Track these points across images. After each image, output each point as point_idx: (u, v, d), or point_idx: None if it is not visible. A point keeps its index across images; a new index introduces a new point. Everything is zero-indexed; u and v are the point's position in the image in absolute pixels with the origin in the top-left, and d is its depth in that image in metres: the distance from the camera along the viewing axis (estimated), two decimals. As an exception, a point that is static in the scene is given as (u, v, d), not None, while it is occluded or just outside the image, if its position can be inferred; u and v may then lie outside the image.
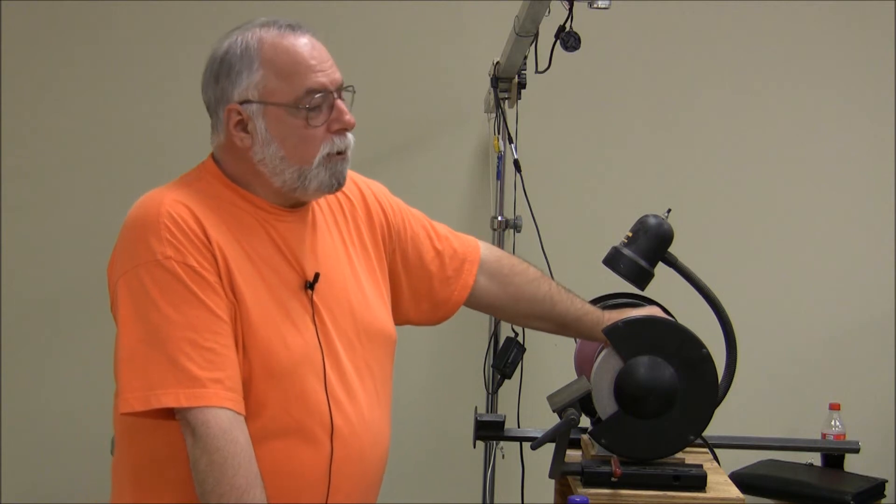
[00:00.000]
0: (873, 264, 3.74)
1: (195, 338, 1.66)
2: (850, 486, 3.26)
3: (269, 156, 1.78)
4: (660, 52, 3.75)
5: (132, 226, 1.74)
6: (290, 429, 1.74)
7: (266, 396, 1.73)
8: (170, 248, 1.68)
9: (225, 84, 1.79)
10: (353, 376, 1.84)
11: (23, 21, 3.69)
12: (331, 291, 1.85)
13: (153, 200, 1.75)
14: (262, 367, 1.72)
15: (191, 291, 1.67)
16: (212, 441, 1.63)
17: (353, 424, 1.81)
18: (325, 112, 1.79)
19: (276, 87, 1.76)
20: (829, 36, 3.75)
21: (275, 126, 1.77)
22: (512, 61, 3.14)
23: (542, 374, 3.16)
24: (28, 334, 3.73)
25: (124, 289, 1.71)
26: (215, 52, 1.83)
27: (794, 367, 3.76)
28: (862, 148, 3.76)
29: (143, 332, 1.67)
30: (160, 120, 3.73)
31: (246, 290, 1.73)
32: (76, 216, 3.73)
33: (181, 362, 1.64)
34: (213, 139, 1.85)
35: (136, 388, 1.67)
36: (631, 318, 2.08)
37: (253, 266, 1.76)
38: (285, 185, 1.80)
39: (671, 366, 2.03)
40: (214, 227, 1.73)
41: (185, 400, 1.64)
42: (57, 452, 3.73)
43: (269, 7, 3.70)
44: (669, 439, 2.04)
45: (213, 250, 1.71)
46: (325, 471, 1.77)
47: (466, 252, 2.14)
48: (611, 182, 3.74)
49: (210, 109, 1.84)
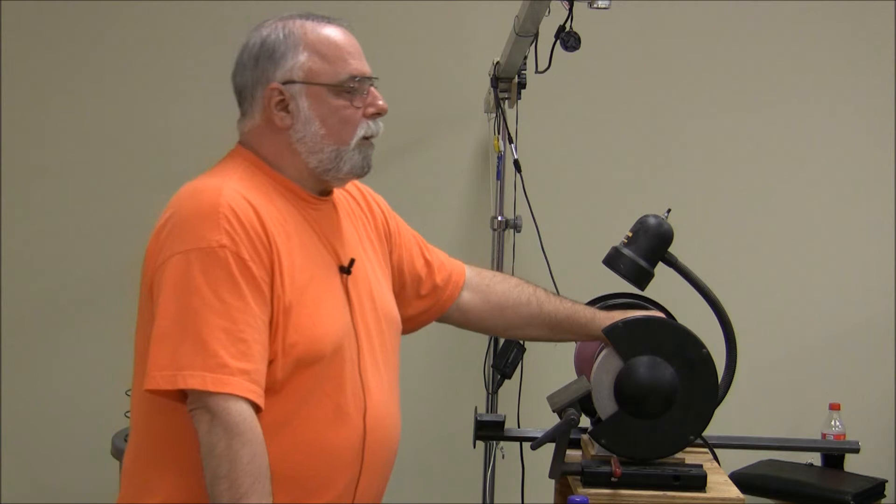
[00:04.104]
0: (873, 264, 3.74)
1: (231, 327, 1.68)
2: (850, 486, 3.26)
3: (310, 134, 1.85)
4: (660, 52, 3.75)
5: (188, 212, 1.75)
6: (329, 408, 1.79)
7: (309, 377, 1.77)
8: (225, 238, 1.71)
9: (266, 65, 1.86)
10: (378, 360, 1.90)
11: (23, 21, 3.69)
12: (358, 277, 1.91)
13: (211, 189, 1.77)
14: (306, 348, 1.76)
15: (235, 282, 1.70)
16: (233, 427, 1.66)
17: (381, 407, 1.88)
18: (363, 97, 1.86)
19: (320, 69, 1.84)
20: (830, 36, 3.75)
21: (317, 105, 1.84)
22: (512, 61, 3.14)
23: (542, 374, 3.16)
24: (28, 334, 3.74)
25: (171, 270, 1.71)
26: (252, 38, 1.89)
27: (794, 367, 3.76)
28: (862, 148, 3.76)
29: (181, 314, 1.69)
30: (160, 120, 3.74)
31: (295, 274, 1.78)
32: (76, 216, 3.73)
33: (213, 347, 1.67)
34: (244, 123, 1.91)
35: (163, 366, 1.68)
36: (631, 318, 2.08)
37: (299, 251, 1.81)
38: (321, 164, 1.86)
39: (671, 366, 2.03)
40: (269, 216, 1.77)
41: (210, 384, 1.66)
42: (57, 452, 3.73)
43: (270, 7, 3.71)
44: (669, 439, 2.04)
45: (270, 243, 1.75)
46: (359, 450, 1.83)
47: (454, 266, 2.19)
48: (611, 182, 3.74)
49: (244, 93, 1.90)
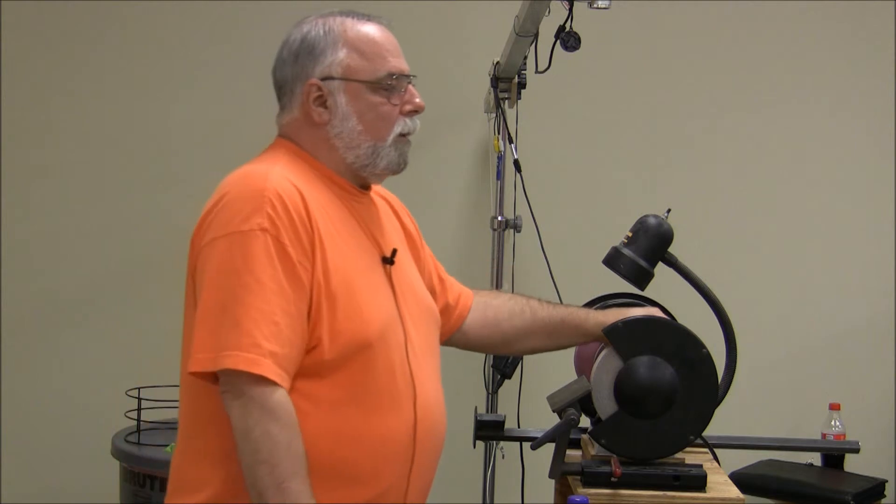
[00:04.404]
0: (873, 264, 3.74)
1: (266, 310, 1.69)
2: (850, 486, 3.26)
3: (348, 130, 1.87)
4: (660, 52, 3.75)
5: (233, 197, 1.76)
6: (379, 396, 1.80)
7: (358, 364, 1.78)
8: (266, 221, 1.72)
9: (306, 61, 1.87)
10: (423, 351, 1.91)
11: (23, 21, 3.69)
12: (400, 268, 1.92)
13: (258, 174, 1.79)
14: (353, 334, 1.77)
15: (274, 267, 1.71)
16: (269, 411, 1.66)
17: (429, 396, 1.89)
18: (400, 94, 1.89)
19: (359, 66, 1.86)
20: (830, 36, 3.75)
21: (355, 102, 1.86)
22: (512, 61, 3.14)
23: (542, 374, 3.16)
24: (28, 334, 3.73)
25: (214, 253, 1.73)
26: (293, 35, 1.91)
27: (794, 367, 3.76)
28: (862, 148, 3.77)
29: (222, 297, 1.70)
30: (160, 120, 3.74)
31: (340, 262, 1.79)
32: (76, 216, 3.73)
33: (247, 327, 1.68)
34: (283, 117, 1.92)
35: (206, 348, 1.69)
36: (631, 318, 2.08)
37: (344, 242, 1.82)
38: (358, 160, 1.88)
39: (671, 366, 2.03)
40: (315, 202, 1.79)
41: (243, 364, 1.66)
42: (57, 452, 3.73)
43: (271, 7, 3.71)
44: (669, 439, 2.04)
45: (313, 229, 1.76)
46: (410, 438, 1.84)
47: (462, 288, 2.22)
48: (611, 182, 3.74)
49: (284, 87, 1.91)
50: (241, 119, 3.74)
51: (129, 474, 2.99)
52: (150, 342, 3.72)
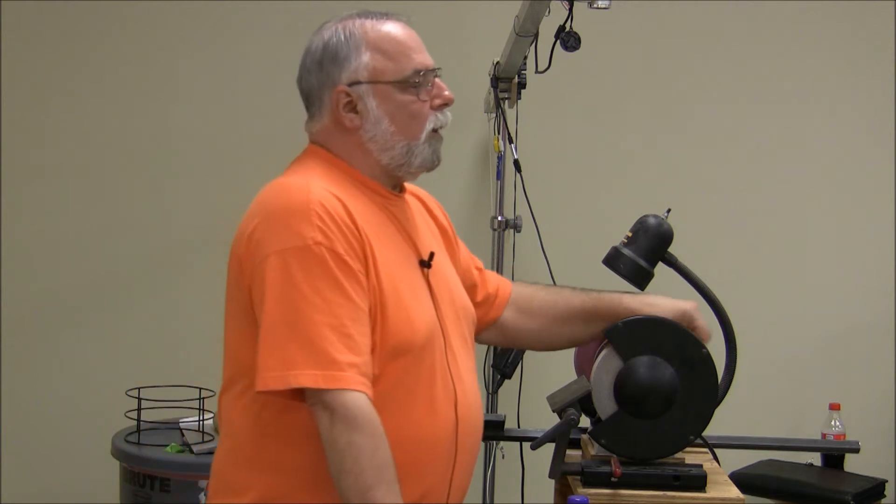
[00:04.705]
0: (873, 264, 3.74)
1: (335, 323, 1.70)
2: (850, 486, 3.26)
3: (381, 132, 1.86)
4: (660, 51, 3.75)
5: (279, 211, 1.76)
6: (422, 399, 1.81)
7: (401, 368, 1.78)
8: (319, 234, 1.72)
9: (331, 68, 1.86)
10: (460, 351, 1.92)
11: (23, 21, 3.69)
12: (436, 270, 1.93)
13: (299, 186, 1.78)
14: (398, 342, 1.78)
15: (334, 278, 1.72)
16: (353, 421, 1.67)
17: (468, 397, 1.90)
18: (428, 89, 1.89)
19: (384, 67, 1.86)
20: (830, 36, 3.76)
21: (385, 103, 1.86)
22: (512, 61, 3.14)
23: (542, 374, 3.16)
24: (28, 334, 3.74)
25: (269, 271, 1.73)
26: (315, 42, 1.90)
27: (794, 367, 3.76)
28: (862, 148, 3.77)
29: (285, 314, 1.70)
30: (160, 120, 3.74)
31: (384, 269, 1.79)
32: (76, 216, 3.73)
33: (320, 345, 1.68)
34: (313, 125, 1.92)
35: (272, 367, 1.69)
36: (631, 318, 2.08)
37: (385, 246, 1.82)
38: (392, 161, 1.88)
39: (671, 366, 2.03)
40: (356, 210, 1.79)
41: (322, 381, 1.67)
42: (57, 452, 3.73)
43: (272, 8, 3.71)
44: (669, 439, 2.04)
45: (361, 236, 1.77)
46: (452, 440, 1.85)
47: (500, 279, 2.22)
48: (611, 182, 3.74)
49: (311, 96, 1.90)
50: (242, 119, 3.75)
51: (129, 474, 2.99)
52: (150, 342, 3.73)
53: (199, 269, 3.74)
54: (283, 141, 3.68)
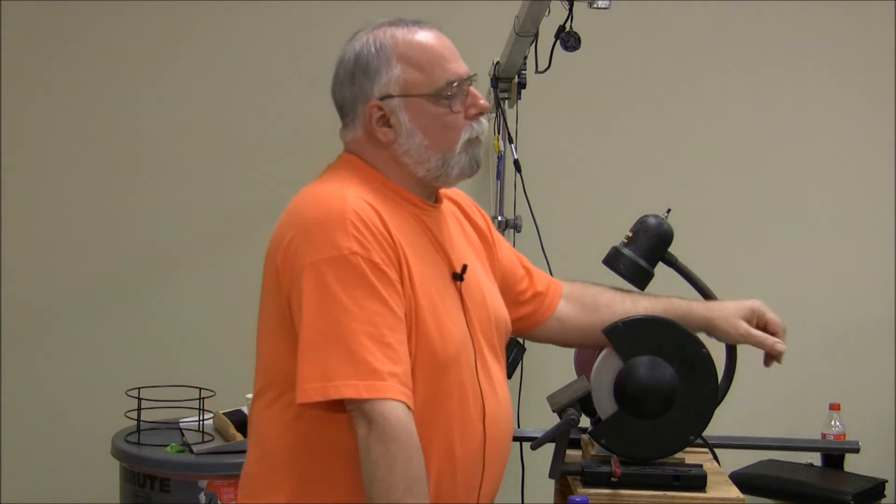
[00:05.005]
0: (873, 264, 3.74)
1: (374, 332, 1.69)
2: (850, 486, 3.26)
3: (414, 146, 1.84)
4: (660, 52, 3.75)
5: (314, 220, 1.75)
6: (452, 413, 1.80)
7: (431, 382, 1.78)
8: (356, 244, 1.72)
9: (362, 82, 1.84)
10: (492, 363, 1.91)
11: (23, 21, 3.68)
12: (470, 283, 1.91)
13: (334, 195, 1.77)
14: (428, 354, 1.77)
15: (372, 287, 1.71)
16: (390, 431, 1.67)
17: (498, 408, 1.89)
18: (462, 99, 1.86)
19: (416, 80, 1.83)
20: (829, 35, 3.76)
21: (417, 117, 1.84)
22: (512, 61, 3.14)
23: (542, 374, 3.16)
24: (28, 334, 3.73)
25: (307, 281, 1.72)
26: (347, 53, 1.88)
27: (794, 367, 3.74)
28: (862, 148, 3.76)
29: (324, 325, 1.70)
30: (161, 120, 3.74)
31: (418, 279, 1.78)
32: (76, 216, 3.73)
33: (361, 355, 1.68)
34: (347, 134, 1.90)
35: (313, 378, 1.69)
36: (630, 318, 2.08)
37: (419, 258, 1.81)
38: (429, 173, 1.86)
39: (671, 366, 2.03)
40: (390, 220, 1.78)
41: (364, 391, 1.67)
42: (57, 452, 3.73)
43: (272, 7, 3.71)
44: (669, 439, 2.04)
45: (396, 245, 1.76)
46: (480, 455, 1.85)
47: (551, 278, 2.19)
48: (611, 182, 3.74)
49: (345, 107, 1.88)
50: (242, 119, 3.74)
51: (129, 474, 2.99)
52: (150, 342, 3.73)
53: (199, 269, 3.74)
54: (283, 141, 3.71)
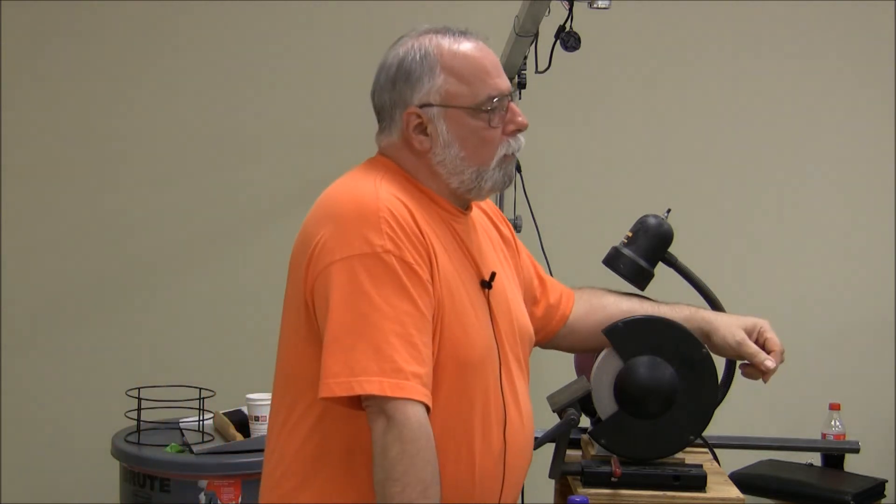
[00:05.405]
0: (873, 264, 3.74)
1: (402, 331, 1.69)
2: (850, 486, 3.25)
3: (450, 157, 1.83)
4: (660, 52, 3.75)
5: (346, 216, 1.74)
6: (473, 421, 1.80)
7: (455, 388, 1.77)
8: (389, 242, 1.71)
9: (403, 88, 1.84)
10: (516, 373, 1.92)
11: (23, 21, 3.69)
12: (497, 291, 1.90)
13: (367, 192, 1.76)
14: (454, 359, 1.77)
15: (402, 286, 1.70)
16: (409, 432, 1.66)
17: (520, 419, 1.89)
18: (501, 114, 1.85)
19: (457, 91, 1.82)
20: (829, 36, 3.75)
21: (456, 128, 1.83)
22: (512, 61, 3.13)
23: (542, 374, 3.16)
24: (28, 334, 3.74)
25: (336, 277, 1.71)
26: (390, 58, 1.87)
27: (794, 367, 3.74)
28: (862, 148, 3.76)
29: (352, 321, 1.69)
30: (161, 120, 3.74)
31: (445, 284, 1.78)
32: (76, 216, 3.73)
33: (387, 352, 1.67)
34: (382, 138, 1.89)
35: (338, 373, 1.68)
36: (631, 317, 2.08)
37: (449, 262, 1.81)
38: (462, 185, 1.85)
39: (671, 366, 2.03)
40: (422, 220, 1.78)
41: (388, 389, 1.66)
42: (57, 452, 3.73)
43: (273, 8, 3.71)
44: (669, 439, 2.04)
45: (427, 244, 1.76)
46: (501, 465, 1.84)
47: (563, 288, 2.19)
48: (611, 182, 3.74)
49: (384, 112, 1.88)
50: (243, 119, 3.74)
51: (129, 474, 2.99)
52: (150, 342, 3.73)
53: (199, 269, 3.74)
54: (284, 141, 3.71)
